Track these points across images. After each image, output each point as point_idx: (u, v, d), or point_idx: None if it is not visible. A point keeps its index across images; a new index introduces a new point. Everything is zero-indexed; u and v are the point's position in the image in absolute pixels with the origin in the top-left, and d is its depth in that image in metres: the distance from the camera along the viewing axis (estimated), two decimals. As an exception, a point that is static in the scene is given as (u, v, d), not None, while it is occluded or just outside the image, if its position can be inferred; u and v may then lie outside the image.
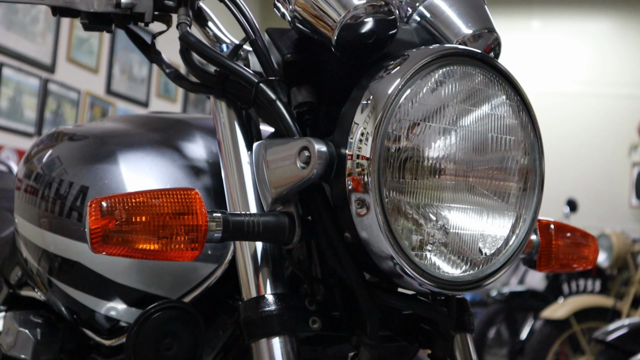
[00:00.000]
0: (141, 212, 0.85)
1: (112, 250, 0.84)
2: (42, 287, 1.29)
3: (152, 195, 0.86)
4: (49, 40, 5.32)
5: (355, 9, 0.93)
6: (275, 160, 0.96)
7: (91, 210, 0.84)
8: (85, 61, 5.81)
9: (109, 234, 0.83)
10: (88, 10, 1.07)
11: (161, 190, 0.88)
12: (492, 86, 0.94)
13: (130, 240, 0.84)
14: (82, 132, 1.32)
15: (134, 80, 6.48)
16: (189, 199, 0.87)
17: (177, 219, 0.86)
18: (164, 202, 0.86)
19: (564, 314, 5.01)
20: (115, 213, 0.84)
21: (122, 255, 0.85)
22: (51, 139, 1.36)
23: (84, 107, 5.81)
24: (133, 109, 6.49)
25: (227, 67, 1.01)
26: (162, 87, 6.91)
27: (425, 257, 0.91)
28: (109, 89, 6.13)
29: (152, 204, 0.86)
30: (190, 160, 1.17)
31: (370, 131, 0.87)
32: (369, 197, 0.87)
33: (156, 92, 6.82)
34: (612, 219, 7.56)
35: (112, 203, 0.84)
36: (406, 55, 0.92)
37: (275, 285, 0.97)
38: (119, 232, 0.84)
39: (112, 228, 0.83)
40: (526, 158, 0.96)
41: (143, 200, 0.86)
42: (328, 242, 0.94)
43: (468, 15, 1.05)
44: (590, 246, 1.19)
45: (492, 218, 0.95)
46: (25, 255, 1.33)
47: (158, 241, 0.85)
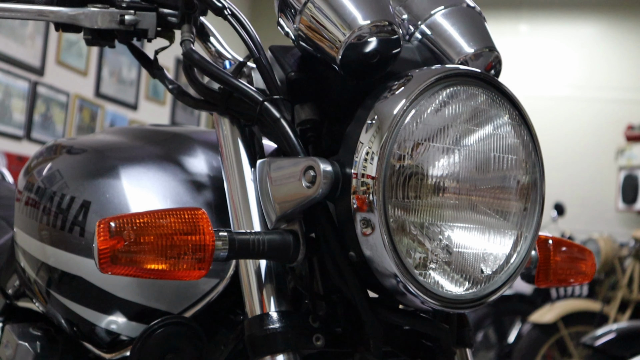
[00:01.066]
0: (149, 233, 0.86)
1: (120, 271, 0.85)
2: (41, 299, 1.29)
3: (160, 216, 0.87)
4: (38, 43, 5.30)
5: (360, 29, 0.94)
6: (279, 178, 0.97)
7: (100, 231, 0.84)
8: (75, 64, 5.79)
9: (117, 255, 0.84)
10: (92, 27, 1.07)
11: (168, 210, 0.88)
12: (495, 106, 0.95)
13: (139, 260, 0.85)
14: (81, 145, 1.32)
15: (123, 82, 6.47)
16: (196, 218, 0.88)
17: (185, 239, 0.87)
18: (172, 222, 0.87)
19: (552, 318, 5.04)
20: (124, 234, 0.84)
21: (130, 275, 0.86)
22: (50, 152, 1.37)
23: (73, 109, 5.79)
24: (122, 111, 6.47)
25: (232, 85, 1.02)
26: (151, 90, 6.90)
27: (429, 276, 0.92)
28: (98, 92, 6.12)
29: (159, 224, 0.86)
30: (191, 175, 1.17)
31: (376, 151, 0.88)
32: (374, 217, 0.88)
33: (145, 95, 6.80)
34: (599, 223, 7.60)
35: (120, 223, 0.85)
36: (410, 76, 0.93)
37: (279, 302, 0.98)
38: (128, 252, 0.84)
39: (120, 248, 0.84)
40: (527, 177, 0.97)
41: (151, 220, 0.86)
42: (332, 261, 0.95)
43: (469, 34, 1.06)
44: (587, 261, 1.21)
45: (494, 236, 0.96)
46: (24, 266, 1.33)
47: (166, 261, 0.86)
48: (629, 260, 5.42)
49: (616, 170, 7.92)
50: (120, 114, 6.47)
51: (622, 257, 5.45)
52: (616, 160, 7.93)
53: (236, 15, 1.05)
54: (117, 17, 1.07)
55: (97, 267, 0.85)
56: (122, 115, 6.48)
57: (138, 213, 0.87)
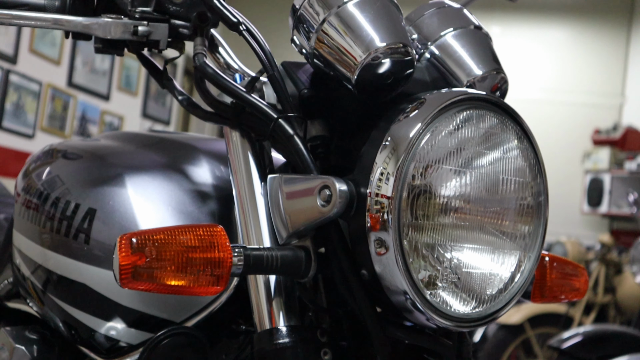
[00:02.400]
0: (170, 249, 0.87)
1: (141, 286, 0.86)
2: (38, 301, 1.29)
3: (179, 232, 0.88)
4: (11, 30, 5.24)
5: (376, 51, 0.96)
6: (293, 196, 0.98)
7: (121, 246, 0.85)
8: (48, 52, 5.74)
9: (139, 270, 0.85)
10: (105, 37, 1.08)
11: (187, 227, 0.89)
12: (505, 130, 0.97)
13: (159, 276, 0.86)
14: (82, 150, 1.32)
15: (95, 72, 6.42)
16: (214, 235, 0.89)
17: (204, 256, 0.88)
18: (191, 238, 0.88)
19: (519, 319, 5.10)
20: (146, 250, 0.85)
21: (149, 291, 0.87)
22: (50, 156, 1.37)
23: (45, 99, 5.74)
24: (94, 101, 6.43)
25: (246, 101, 1.03)
26: (124, 81, 6.86)
27: (438, 295, 0.94)
28: (71, 81, 6.07)
29: (179, 241, 0.87)
30: (196, 184, 1.18)
31: (392, 171, 0.90)
32: (389, 236, 0.90)
33: (117, 85, 6.76)
34: (565, 225, 7.71)
35: (142, 239, 0.86)
36: (423, 99, 0.95)
37: (289, 317, 0.99)
38: (149, 268, 0.85)
39: (142, 265, 0.85)
40: (533, 199, 0.99)
41: (171, 236, 0.87)
42: (342, 278, 0.97)
43: (478, 56, 1.08)
44: (580, 278, 1.24)
45: (500, 257, 0.98)
46: (21, 268, 1.33)
47: (185, 277, 0.87)
48: (594, 263, 5.52)
49: (582, 173, 8.04)
50: (92, 104, 6.43)
51: (588, 260, 5.55)
52: (582, 163, 8.05)
53: (250, 30, 1.06)
54: (131, 27, 1.08)
55: (117, 282, 0.85)
56: (94, 105, 6.44)
57: (158, 229, 0.88)
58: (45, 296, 1.26)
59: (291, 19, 1.03)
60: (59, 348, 1.30)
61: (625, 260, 5.46)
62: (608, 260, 5.47)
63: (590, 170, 7.97)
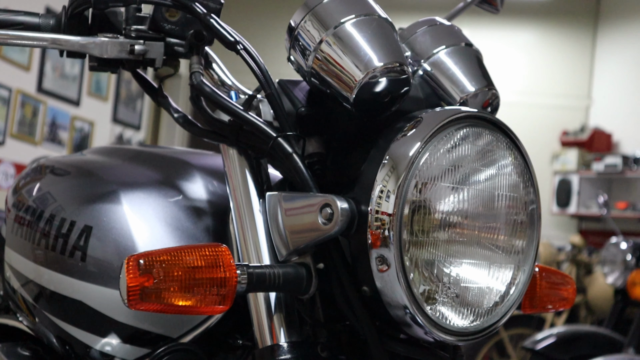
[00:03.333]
0: (177, 270, 0.88)
1: (148, 307, 0.87)
2: (31, 317, 1.29)
3: (186, 253, 0.89)
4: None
5: (374, 70, 0.97)
6: (293, 213, 0.99)
7: (129, 268, 0.86)
8: (17, 58, 5.68)
9: (146, 292, 0.86)
10: (101, 56, 1.08)
11: (193, 247, 0.90)
12: (499, 147, 0.99)
13: (167, 297, 0.87)
14: (73, 166, 1.32)
15: (65, 78, 6.36)
16: (219, 255, 0.90)
17: (211, 276, 0.89)
18: (197, 258, 0.89)
19: (492, 321, 5.14)
20: (154, 271, 0.86)
21: (156, 311, 0.88)
22: (37, 172, 1.37)
23: (15, 105, 5.68)
24: (64, 107, 6.37)
25: (245, 120, 1.04)
26: (94, 86, 6.81)
27: (437, 309, 0.96)
28: (40, 87, 6.01)
29: (186, 261, 0.88)
30: (191, 200, 1.19)
31: (392, 189, 0.92)
32: (390, 253, 0.91)
33: (87, 91, 6.71)
34: (534, 226, 7.78)
35: (149, 261, 0.87)
36: (419, 118, 0.97)
37: (289, 333, 1.00)
38: (157, 289, 0.86)
39: (150, 286, 0.86)
40: (527, 213, 1.02)
41: (178, 257, 0.88)
42: (343, 294, 0.98)
43: (470, 74, 1.10)
44: (569, 288, 1.27)
45: (496, 271, 1.00)
46: (14, 285, 1.32)
47: (192, 297, 0.88)
48: (565, 264, 5.59)
49: (551, 174, 8.14)
50: (63, 110, 6.37)
51: (559, 261, 5.61)
52: (551, 164, 8.15)
53: (247, 49, 1.07)
54: (127, 47, 1.08)
55: (125, 303, 0.86)
56: (64, 111, 6.38)
57: (163, 250, 0.89)
58: (38, 312, 1.26)
59: (288, 38, 1.04)
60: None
61: (595, 260, 5.54)
62: (579, 261, 5.54)
63: (559, 171, 8.08)
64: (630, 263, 3.97)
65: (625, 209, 7.53)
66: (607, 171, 7.84)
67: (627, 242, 4.03)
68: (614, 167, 7.76)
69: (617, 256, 4.07)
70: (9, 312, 1.45)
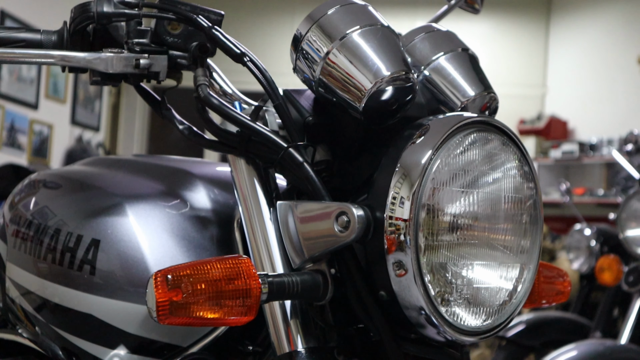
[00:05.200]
0: (204, 283, 0.89)
1: (177, 321, 0.88)
2: (34, 330, 1.29)
3: (210, 267, 0.90)
4: None
5: (382, 80, 1.00)
6: (308, 222, 1.01)
7: (157, 283, 0.87)
8: (-27, 63, 5.59)
9: (176, 306, 0.87)
10: (106, 71, 1.09)
11: (216, 260, 0.92)
12: (505, 150, 1.03)
13: (195, 310, 0.88)
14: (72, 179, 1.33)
15: (22, 81, 6.28)
16: (242, 266, 0.92)
17: (236, 288, 0.90)
18: (222, 270, 0.91)
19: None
20: (182, 286, 0.87)
21: (186, 325, 0.89)
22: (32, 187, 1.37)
23: (-27, 110, 5.60)
24: (22, 111, 6.29)
25: (254, 131, 1.05)
26: (51, 88, 6.73)
27: (451, 310, 0.99)
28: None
29: (212, 274, 0.90)
30: (195, 210, 1.20)
31: (407, 196, 0.95)
32: (407, 257, 0.94)
33: (45, 94, 6.63)
34: (495, 214, 7.88)
35: (177, 275, 0.88)
36: (427, 126, 0.99)
37: (307, 339, 1.02)
38: (185, 303, 0.88)
39: (179, 300, 0.87)
40: (531, 214, 1.05)
41: (204, 271, 0.90)
42: (358, 299, 1.00)
43: (470, 79, 1.13)
44: (564, 282, 1.31)
45: (506, 270, 1.04)
46: (15, 298, 1.32)
47: (220, 309, 0.90)
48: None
49: (509, 163, 8.24)
50: (21, 114, 6.29)
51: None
52: (509, 153, 8.25)
53: (254, 61, 1.08)
54: (132, 61, 1.09)
55: (154, 318, 0.87)
56: (22, 114, 6.30)
57: (188, 264, 0.90)
58: (42, 325, 1.26)
59: (293, 48, 1.06)
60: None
61: (559, 246, 5.65)
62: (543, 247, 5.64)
63: (517, 159, 8.17)
64: (595, 249, 4.05)
65: (583, 195, 7.67)
66: (564, 158, 7.98)
67: (591, 228, 4.11)
68: (571, 153, 7.91)
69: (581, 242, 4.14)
70: (6, 325, 1.44)
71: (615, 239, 3.68)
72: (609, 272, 3.51)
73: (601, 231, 4.11)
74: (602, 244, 4.07)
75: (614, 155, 3.94)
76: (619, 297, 3.81)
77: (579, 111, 8.32)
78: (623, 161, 3.69)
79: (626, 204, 3.18)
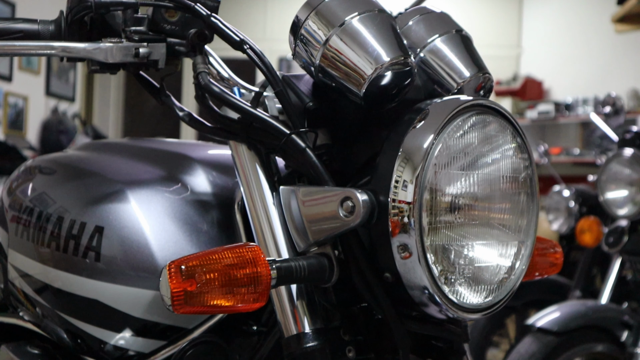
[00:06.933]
0: (217, 272, 0.91)
1: (192, 310, 0.90)
2: (38, 315, 1.30)
3: (223, 255, 0.92)
4: None
5: (382, 66, 1.01)
6: (313, 207, 1.03)
7: (171, 274, 0.89)
8: (-54, 36, 5.52)
9: (190, 296, 0.89)
10: (106, 61, 1.09)
11: (227, 249, 0.93)
12: (502, 132, 1.05)
13: (209, 299, 0.90)
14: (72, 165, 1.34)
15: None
16: (253, 254, 0.94)
17: (248, 276, 0.92)
18: (233, 258, 0.92)
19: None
20: (196, 276, 0.89)
21: (200, 313, 0.91)
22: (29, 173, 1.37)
23: (-53, 85, 5.54)
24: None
25: (256, 117, 1.07)
26: (25, 60, 6.66)
27: (454, 289, 1.02)
28: (-29, 65, 5.86)
29: (225, 263, 0.91)
30: (196, 194, 1.22)
31: (410, 179, 0.97)
32: (411, 240, 0.96)
33: (19, 65, 6.56)
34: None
35: (191, 266, 0.90)
36: (426, 110, 1.01)
37: (314, 320, 1.04)
38: (200, 293, 0.90)
39: (193, 290, 0.89)
40: (529, 192, 1.08)
41: (217, 260, 0.91)
42: (363, 280, 1.03)
43: (465, 60, 1.15)
44: (557, 253, 1.34)
45: (504, 248, 1.06)
46: (17, 283, 1.33)
47: (233, 297, 0.92)
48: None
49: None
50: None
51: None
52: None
53: (254, 48, 1.09)
54: (132, 50, 1.09)
55: (169, 308, 0.89)
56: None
57: (201, 254, 0.92)
58: (46, 310, 1.27)
59: (292, 35, 1.07)
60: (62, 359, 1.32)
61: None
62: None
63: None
64: (574, 210, 4.11)
65: (559, 154, 7.75)
66: (540, 118, 8.04)
67: (570, 189, 4.16)
68: (547, 114, 7.97)
69: (560, 204, 4.19)
70: (7, 310, 1.46)
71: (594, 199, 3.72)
72: (589, 233, 3.57)
73: (580, 192, 4.17)
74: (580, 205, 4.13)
75: (592, 118, 3.98)
76: (598, 257, 3.88)
77: (554, 71, 8.37)
78: (601, 124, 3.73)
79: (606, 166, 3.22)
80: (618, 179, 3.19)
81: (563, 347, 2.74)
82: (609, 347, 2.84)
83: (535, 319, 2.80)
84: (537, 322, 2.75)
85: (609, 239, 3.27)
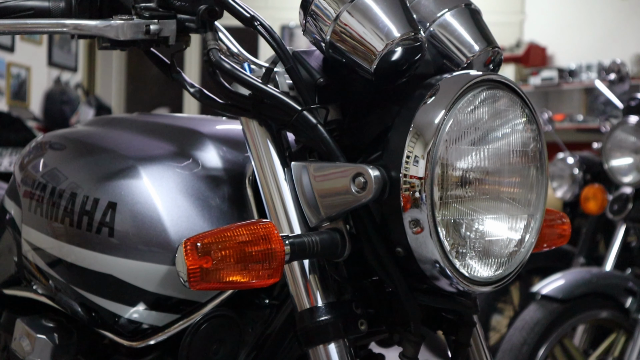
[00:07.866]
0: (232, 249, 0.92)
1: (208, 286, 0.92)
2: (52, 290, 1.32)
3: (237, 232, 0.93)
4: None
5: (392, 42, 1.02)
6: (325, 182, 1.04)
7: (187, 251, 0.90)
8: (-53, 7, 5.50)
9: (206, 272, 0.91)
10: (117, 38, 1.09)
11: (241, 225, 0.95)
12: (513, 106, 1.05)
13: (225, 275, 0.92)
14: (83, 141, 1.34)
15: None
16: (267, 230, 0.95)
17: (263, 252, 0.94)
18: (248, 235, 0.94)
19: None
20: (212, 253, 0.91)
21: (215, 289, 0.93)
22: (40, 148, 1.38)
23: (-51, 56, 5.53)
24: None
25: (267, 94, 1.07)
26: (27, 30, 6.63)
27: (466, 262, 1.03)
28: (-27, 36, 5.85)
29: (240, 240, 0.93)
30: (207, 169, 1.23)
31: (422, 155, 0.98)
32: (423, 215, 0.98)
33: (21, 36, 6.54)
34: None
35: (206, 243, 0.91)
36: (437, 86, 1.02)
37: (326, 294, 1.06)
38: (215, 269, 0.91)
39: (209, 267, 0.91)
40: (538, 166, 1.09)
41: (231, 237, 0.93)
42: (375, 255, 1.04)
43: (475, 34, 1.15)
44: (564, 224, 1.35)
45: (514, 222, 1.08)
46: (30, 258, 1.35)
47: (248, 274, 0.93)
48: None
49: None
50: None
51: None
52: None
53: (264, 25, 1.09)
54: (143, 27, 1.09)
55: (185, 284, 0.91)
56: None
57: (216, 231, 0.93)
58: (60, 284, 1.28)
59: (302, 10, 1.07)
60: (77, 333, 1.33)
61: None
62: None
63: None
64: (578, 177, 4.11)
65: (563, 121, 7.74)
66: (543, 84, 8.01)
67: (574, 156, 4.16)
68: (550, 80, 7.94)
69: (564, 171, 4.19)
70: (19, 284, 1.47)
71: (598, 166, 3.73)
72: (594, 201, 3.58)
73: (584, 159, 4.17)
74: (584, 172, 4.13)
75: (597, 85, 3.97)
76: (602, 224, 3.89)
77: (558, 37, 8.33)
78: (606, 91, 3.72)
79: (611, 134, 3.22)
80: (623, 147, 3.20)
81: (567, 314, 2.76)
82: (613, 313, 2.87)
83: (539, 286, 2.83)
84: (541, 290, 2.77)
85: (614, 206, 3.28)
